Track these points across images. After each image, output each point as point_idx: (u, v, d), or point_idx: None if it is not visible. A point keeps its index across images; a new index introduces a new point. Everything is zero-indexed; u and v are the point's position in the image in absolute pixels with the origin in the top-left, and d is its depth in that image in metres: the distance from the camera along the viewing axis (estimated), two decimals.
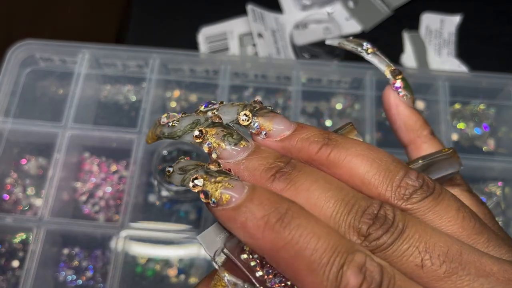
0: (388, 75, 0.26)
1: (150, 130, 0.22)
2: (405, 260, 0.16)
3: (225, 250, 0.19)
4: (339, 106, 0.56)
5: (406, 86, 0.25)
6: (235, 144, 0.20)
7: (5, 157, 0.51)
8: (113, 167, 0.53)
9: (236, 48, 0.60)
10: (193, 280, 0.45)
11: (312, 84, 0.55)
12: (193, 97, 0.56)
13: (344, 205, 0.17)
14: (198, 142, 0.20)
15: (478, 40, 0.61)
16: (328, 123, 0.55)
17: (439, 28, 0.62)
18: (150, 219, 0.50)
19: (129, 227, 0.45)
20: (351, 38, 0.28)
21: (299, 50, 0.60)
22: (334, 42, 0.28)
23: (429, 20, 0.62)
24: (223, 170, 0.19)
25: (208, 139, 0.20)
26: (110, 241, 0.47)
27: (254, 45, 0.60)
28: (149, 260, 0.48)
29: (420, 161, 0.22)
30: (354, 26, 0.62)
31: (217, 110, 0.22)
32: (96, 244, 0.49)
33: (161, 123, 0.21)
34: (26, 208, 0.51)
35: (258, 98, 0.22)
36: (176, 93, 0.57)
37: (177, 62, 0.54)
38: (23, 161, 0.53)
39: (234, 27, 0.61)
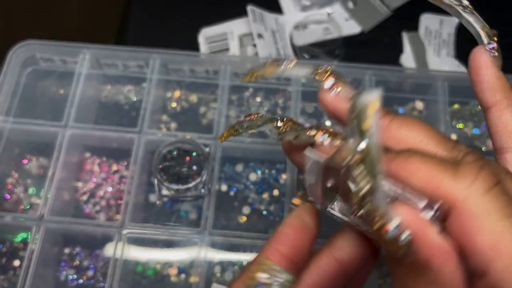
0: (483, 35, 0.26)
1: (226, 131, 0.27)
2: None
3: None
4: None
5: (498, 49, 0.25)
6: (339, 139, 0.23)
7: (6, 157, 0.51)
8: (114, 167, 0.53)
9: (236, 49, 0.60)
10: (193, 279, 0.45)
11: (312, 84, 0.55)
12: (194, 97, 0.57)
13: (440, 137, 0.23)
14: (276, 127, 0.25)
15: (477, 41, 0.62)
16: (328, 123, 0.55)
17: (439, 29, 0.62)
18: (150, 218, 0.50)
19: (130, 226, 0.46)
20: None
21: (299, 51, 0.60)
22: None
23: (428, 21, 0.63)
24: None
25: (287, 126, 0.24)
26: (111, 240, 0.47)
27: (254, 45, 0.60)
28: (150, 259, 0.48)
29: None
30: (353, 27, 0.62)
31: (291, 66, 0.26)
32: (96, 244, 0.49)
33: (240, 120, 0.26)
34: (27, 208, 0.51)
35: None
36: (177, 93, 0.57)
37: (178, 62, 0.54)
38: (24, 161, 0.53)
39: (234, 27, 0.62)
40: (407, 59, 0.60)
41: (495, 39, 0.26)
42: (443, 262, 0.18)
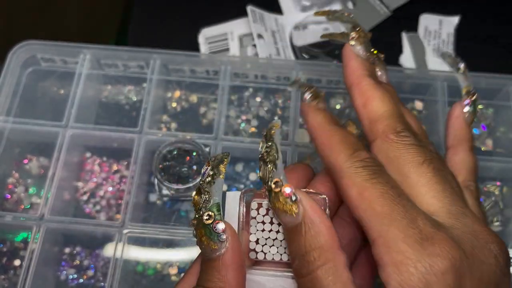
0: (464, 91, 0.33)
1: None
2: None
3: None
4: (338, 106, 0.56)
5: (473, 109, 0.33)
6: (366, 51, 0.32)
7: (7, 157, 0.51)
8: (114, 167, 0.53)
9: (236, 49, 0.60)
10: None
11: (312, 84, 0.55)
12: (194, 98, 0.57)
13: (390, 115, 0.29)
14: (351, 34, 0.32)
15: (477, 41, 0.62)
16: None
17: (438, 29, 0.62)
18: (150, 218, 0.50)
19: (130, 226, 0.46)
20: (452, 55, 0.37)
21: (298, 51, 0.61)
22: (442, 56, 0.38)
23: (427, 21, 0.63)
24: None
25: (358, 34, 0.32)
26: (111, 240, 0.47)
27: (254, 45, 0.60)
28: (150, 259, 0.49)
29: None
30: None
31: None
32: (97, 243, 0.49)
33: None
34: (27, 207, 0.51)
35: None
36: (177, 93, 0.57)
37: (178, 62, 0.54)
38: (25, 161, 0.53)
39: (234, 28, 0.62)
40: (407, 59, 0.60)
41: (473, 98, 0.33)
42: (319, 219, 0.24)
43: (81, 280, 0.48)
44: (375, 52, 0.32)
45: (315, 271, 0.23)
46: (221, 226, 0.25)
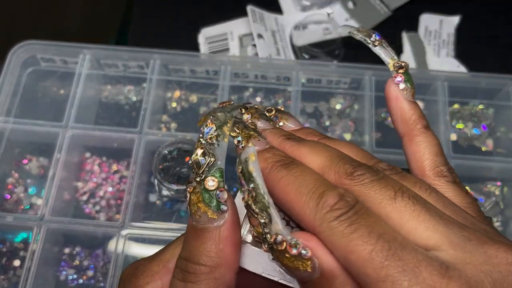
0: (391, 68, 0.28)
1: (203, 117, 0.30)
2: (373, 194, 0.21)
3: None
4: (338, 106, 0.56)
5: (408, 79, 0.27)
6: (266, 120, 0.28)
7: (7, 157, 0.51)
8: (114, 167, 0.53)
9: (236, 49, 0.60)
10: None
11: (311, 84, 0.55)
12: (194, 98, 0.57)
13: (337, 157, 0.23)
14: (242, 114, 0.28)
15: (477, 41, 0.62)
16: (328, 123, 0.55)
17: (438, 29, 0.62)
18: (150, 218, 0.50)
19: (130, 226, 0.46)
20: (361, 28, 0.30)
21: (298, 51, 0.60)
22: (345, 31, 0.30)
23: (428, 21, 0.63)
24: (255, 129, 0.26)
25: (250, 111, 0.28)
26: (111, 240, 0.47)
27: (254, 45, 0.60)
28: None
29: None
30: None
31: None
32: (97, 244, 0.49)
33: (215, 108, 0.29)
34: (27, 208, 0.51)
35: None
36: (177, 93, 0.57)
37: (178, 62, 0.54)
38: (25, 161, 0.53)
39: (234, 28, 0.62)
40: (407, 59, 0.60)
41: (402, 71, 0.27)
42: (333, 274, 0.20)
43: (80, 281, 0.48)
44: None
45: None
46: (225, 195, 0.22)
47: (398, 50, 0.61)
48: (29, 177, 0.53)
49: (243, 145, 0.25)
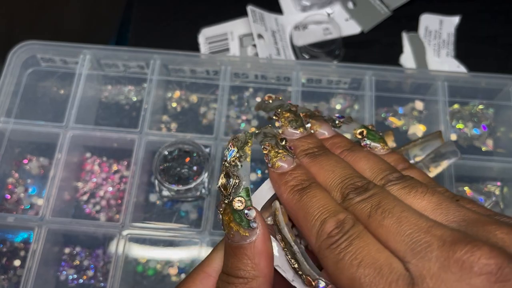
0: (355, 137, 0.32)
1: (258, 103, 0.34)
2: (371, 218, 0.23)
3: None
4: (338, 106, 0.56)
5: (371, 138, 0.31)
6: (295, 128, 0.30)
7: (7, 157, 0.51)
8: (114, 167, 0.53)
9: (236, 49, 0.60)
10: None
11: (311, 84, 0.55)
12: (194, 98, 0.57)
13: (340, 178, 0.25)
14: (275, 120, 0.30)
15: (477, 41, 0.62)
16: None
17: (438, 29, 0.62)
18: (151, 218, 0.50)
19: (130, 226, 0.46)
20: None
21: (299, 51, 0.60)
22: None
23: (428, 21, 0.63)
24: (286, 146, 0.28)
25: (281, 119, 0.30)
26: (111, 240, 0.47)
27: (254, 45, 0.60)
28: (150, 259, 0.49)
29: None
30: (353, 27, 0.63)
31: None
32: (97, 244, 0.49)
33: (264, 99, 0.33)
34: (27, 208, 0.51)
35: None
36: (177, 93, 0.57)
37: (178, 62, 0.54)
38: (25, 161, 0.53)
39: (235, 28, 0.62)
40: (407, 59, 0.60)
41: (361, 137, 0.31)
42: None
43: (81, 281, 0.48)
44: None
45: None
46: (253, 213, 0.24)
47: (398, 50, 0.61)
48: (30, 177, 0.53)
49: (271, 164, 0.27)
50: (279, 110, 0.30)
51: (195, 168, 0.49)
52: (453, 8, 0.64)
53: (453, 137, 0.55)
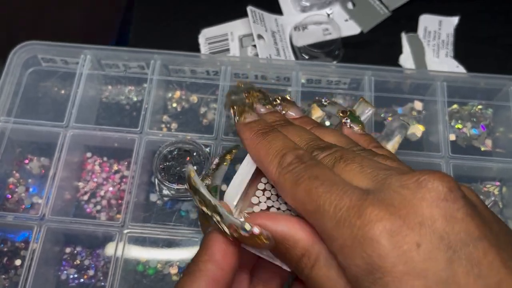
0: (339, 116, 0.37)
1: (227, 95, 0.39)
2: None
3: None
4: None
5: (353, 120, 0.35)
6: (263, 105, 0.35)
7: (7, 157, 0.51)
8: (115, 167, 0.53)
9: (236, 49, 0.61)
10: None
11: (311, 84, 0.55)
12: (194, 98, 0.57)
13: (306, 140, 0.29)
14: (246, 97, 0.35)
15: (476, 41, 0.62)
16: (327, 123, 0.56)
17: (437, 29, 0.62)
18: (151, 218, 0.50)
19: (131, 226, 0.46)
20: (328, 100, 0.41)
21: (298, 51, 0.61)
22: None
23: (427, 22, 0.63)
24: (251, 106, 0.34)
25: (251, 97, 0.35)
26: (112, 240, 0.47)
27: (254, 46, 0.60)
28: (150, 258, 0.49)
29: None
30: (353, 27, 0.63)
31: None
32: (97, 243, 0.49)
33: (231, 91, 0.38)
34: (28, 207, 0.51)
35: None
36: (177, 93, 0.57)
37: (178, 63, 0.54)
38: (26, 161, 0.53)
39: (235, 28, 0.62)
40: (406, 59, 0.60)
41: (344, 115, 0.36)
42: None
43: (81, 280, 0.48)
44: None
45: None
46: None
47: (398, 51, 0.61)
48: (30, 176, 0.53)
49: (237, 117, 0.32)
50: (250, 91, 0.34)
51: (195, 167, 0.49)
52: (452, 8, 0.64)
53: (452, 137, 0.55)
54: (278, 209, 0.29)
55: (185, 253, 0.48)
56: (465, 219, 0.20)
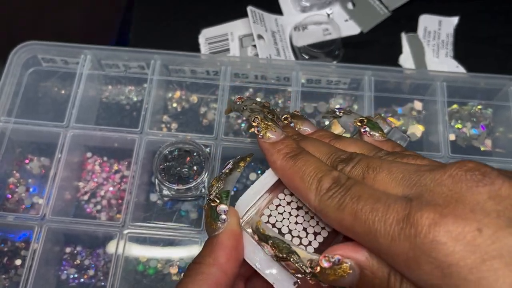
0: (357, 125, 0.35)
1: (227, 108, 0.37)
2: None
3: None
4: (338, 107, 0.57)
5: (372, 127, 0.34)
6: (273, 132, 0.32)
7: (8, 157, 0.51)
8: (115, 167, 0.53)
9: (236, 49, 0.61)
10: None
11: (311, 84, 0.55)
12: (194, 98, 0.57)
13: (326, 154, 0.28)
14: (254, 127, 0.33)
15: (476, 41, 0.62)
16: (327, 123, 0.56)
17: (437, 30, 0.63)
18: (151, 218, 0.50)
19: (131, 226, 0.46)
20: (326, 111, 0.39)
21: (298, 51, 0.61)
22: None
23: (427, 22, 0.63)
24: (274, 119, 0.32)
25: (261, 126, 0.32)
26: (112, 240, 0.47)
27: (254, 46, 0.60)
28: (151, 258, 0.49)
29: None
30: (353, 28, 0.63)
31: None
32: (98, 243, 0.49)
33: (235, 101, 0.36)
34: (28, 207, 0.51)
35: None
36: (177, 93, 0.57)
37: (178, 63, 0.54)
38: (26, 161, 0.53)
39: (235, 28, 0.62)
40: (406, 59, 0.60)
41: (361, 124, 0.34)
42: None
43: (81, 280, 0.49)
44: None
45: None
46: (223, 207, 0.28)
47: (397, 51, 0.61)
48: (31, 177, 0.53)
49: (261, 134, 0.30)
50: (257, 117, 0.32)
51: (195, 167, 0.49)
52: (452, 8, 0.64)
53: (452, 137, 0.55)
54: (288, 227, 0.29)
55: (185, 253, 0.49)
56: (511, 194, 0.21)
